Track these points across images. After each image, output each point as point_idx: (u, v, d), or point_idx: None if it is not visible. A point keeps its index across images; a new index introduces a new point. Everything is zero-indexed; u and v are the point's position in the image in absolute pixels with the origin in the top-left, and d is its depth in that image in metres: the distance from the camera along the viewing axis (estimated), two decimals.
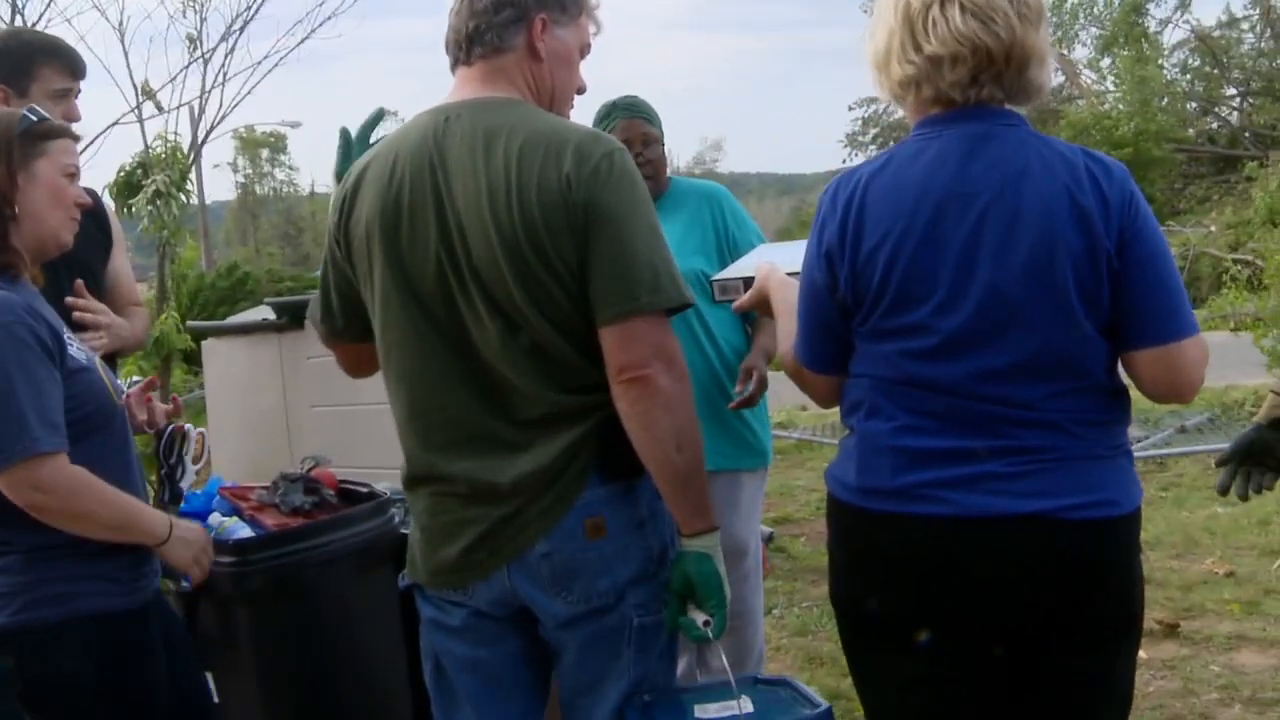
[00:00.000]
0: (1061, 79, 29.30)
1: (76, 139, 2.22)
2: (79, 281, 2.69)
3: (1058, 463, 1.70)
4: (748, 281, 2.20)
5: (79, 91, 2.85)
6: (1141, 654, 3.62)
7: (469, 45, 1.97)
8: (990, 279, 1.69)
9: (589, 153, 1.83)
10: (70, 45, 3.01)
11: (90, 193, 2.89)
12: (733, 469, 3.15)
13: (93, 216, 2.84)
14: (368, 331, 2.02)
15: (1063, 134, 23.40)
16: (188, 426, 2.76)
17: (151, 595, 2.21)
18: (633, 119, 3.23)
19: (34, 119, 2.11)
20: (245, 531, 2.59)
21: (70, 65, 2.83)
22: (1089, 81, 29.25)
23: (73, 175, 2.16)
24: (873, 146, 32.79)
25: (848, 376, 1.87)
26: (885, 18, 1.80)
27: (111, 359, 2.82)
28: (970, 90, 1.74)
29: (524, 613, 1.96)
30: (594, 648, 1.94)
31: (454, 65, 2.00)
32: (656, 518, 1.94)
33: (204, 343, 5.04)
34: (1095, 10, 28.32)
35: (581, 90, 2.08)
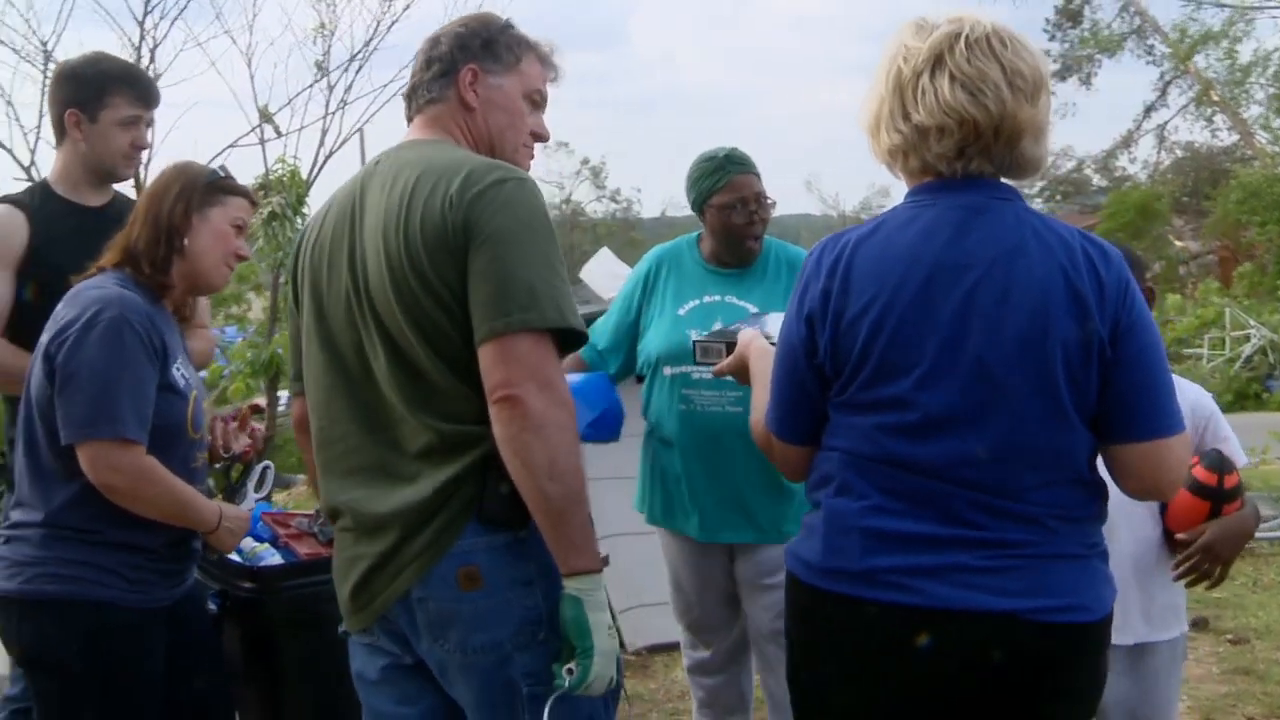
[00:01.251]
0: (1235, 138, 28.13)
1: (255, 203, 2.57)
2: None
3: (1033, 560, 1.64)
4: (731, 345, 2.15)
5: (151, 121, 3.00)
6: None
7: (410, 99, 2.08)
8: (977, 355, 1.63)
9: (478, 178, 1.82)
10: (145, 74, 3.17)
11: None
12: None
13: None
14: None
15: (1232, 195, 22.36)
16: (255, 459, 2.85)
17: (165, 601, 2.33)
18: (747, 174, 3.10)
19: (222, 175, 2.46)
20: (274, 559, 2.67)
21: (143, 94, 2.96)
22: (1263, 142, 27.98)
23: (240, 228, 2.48)
24: (1038, 200, 31.97)
25: (818, 449, 1.80)
26: (877, 84, 1.76)
27: None
28: (957, 163, 1.69)
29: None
30: (490, 710, 1.87)
31: (408, 117, 2.10)
32: (549, 577, 1.81)
33: None
34: (1270, 69, 27.11)
35: (541, 137, 2.11)
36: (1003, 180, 1.73)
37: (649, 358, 3.10)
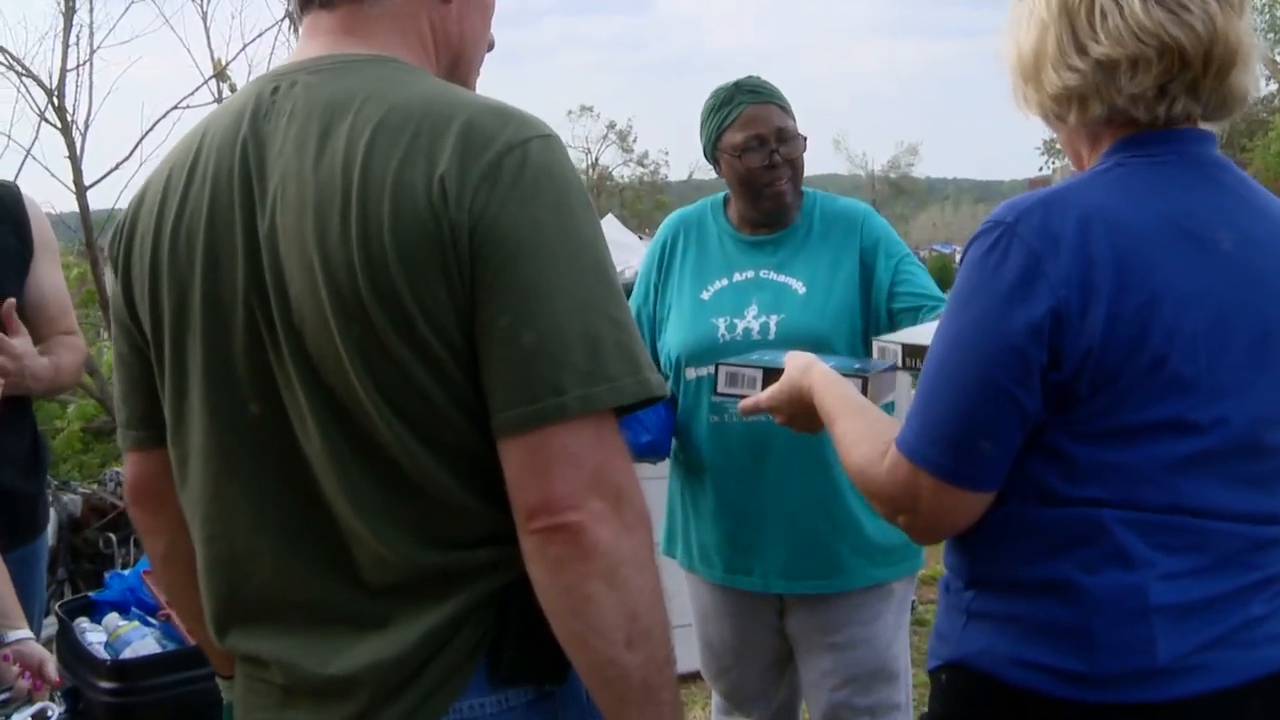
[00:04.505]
0: (1274, 86, 27.27)
1: None
2: (9, 301, 2.16)
3: None
4: (770, 373, 1.63)
5: None
6: None
7: None
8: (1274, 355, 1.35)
9: (485, 138, 1.12)
10: None
11: (4, 188, 2.39)
12: (880, 581, 2.37)
13: (8, 219, 2.32)
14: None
15: (1272, 147, 21.73)
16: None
17: None
18: (763, 104, 2.34)
19: None
20: (146, 642, 2.00)
21: None
22: None
23: None
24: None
25: (1016, 500, 1.37)
26: (1035, 8, 1.39)
27: (22, 401, 2.29)
28: (1158, 106, 1.34)
29: None
30: None
31: (303, 5, 1.29)
32: None
33: None
34: None
35: (490, 45, 1.40)
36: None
37: (669, 357, 2.41)
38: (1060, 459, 1.32)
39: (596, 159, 59.89)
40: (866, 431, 1.46)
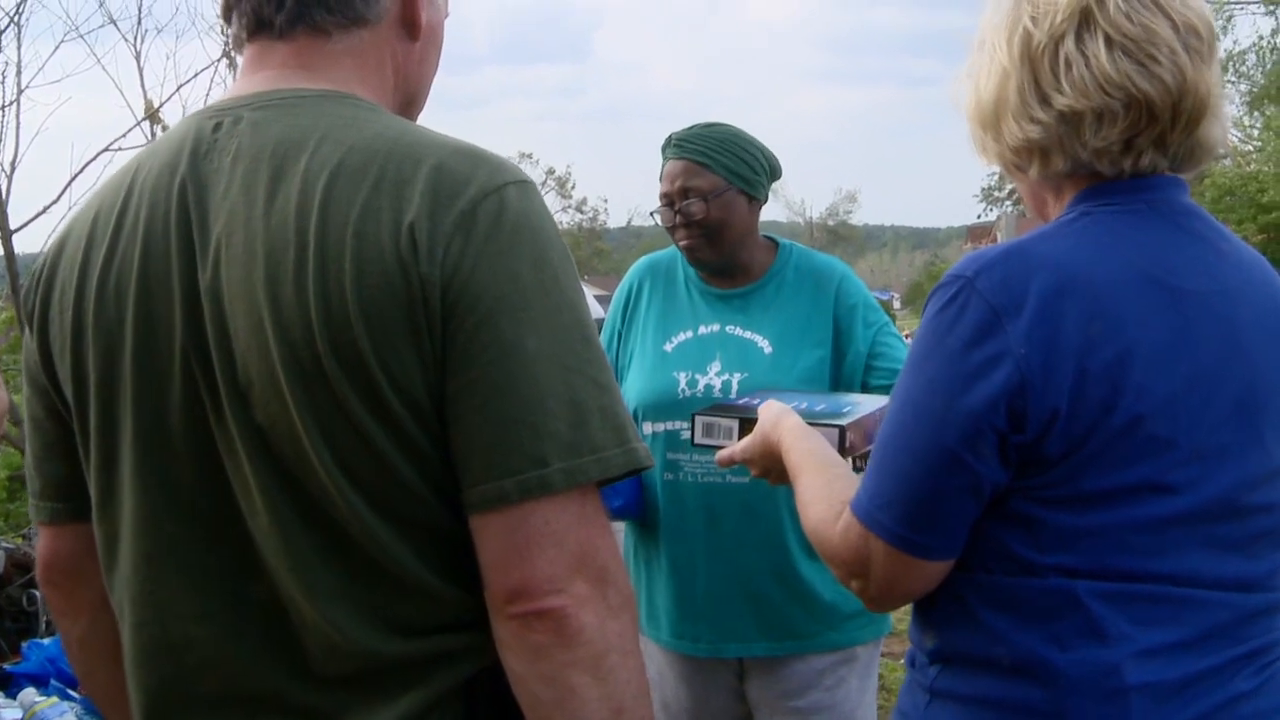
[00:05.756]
0: None
1: None
2: None
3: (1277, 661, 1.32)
4: (746, 424, 1.59)
5: None
6: None
7: (266, 12, 1.16)
8: (1253, 414, 1.28)
9: (457, 184, 1.04)
10: None
11: None
12: (842, 645, 2.28)
13: None
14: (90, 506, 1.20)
15: (1206, 195, 22.31)
16: None
17: None
18: (679, 159, 2.28)
19: None
20: (66, 719, 1.89)
21: None
22: (1235, 140, 27.83)
23: None
24: (1009, 202, 32.09)
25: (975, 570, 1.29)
26: (996, 55, 1.32)
27: None
28: (1124, 160, 1.28)
29: None
30: None
31: (251, 31, 1.18)
32: None
33: None
34: (1245, 66, 26.92)
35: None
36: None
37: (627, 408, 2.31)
38: (1028, 525, 1.25)
39: None
40: (824, 490, 1.39)
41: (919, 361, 1.26)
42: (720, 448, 1.63)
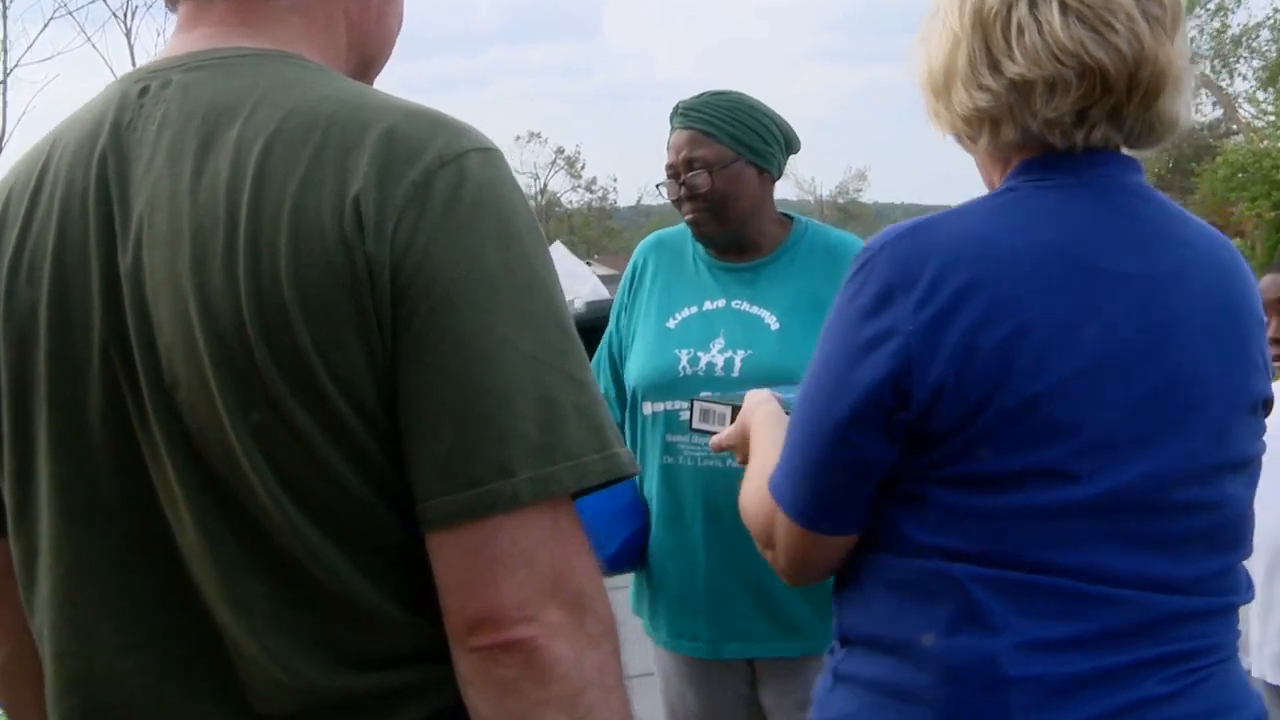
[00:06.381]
0: (1219, 113, 27.79)
1: None
2: None
3: (1217, 667, 1.25)
4: (738, 410, 1.57)
5: None
6: None
7: None
8: (1167, 406, 1.22)
9: (411, 151, 0.91)
10: None
11: None
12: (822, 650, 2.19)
13: None
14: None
15: (1219, 172, 22.18)
16: None
17: None
18: (684, 129, 2.17)
19: None
20: None
21: None
22: (1248, 116, 27.67)
23: None
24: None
25: (877, 547, 1.27)
26: (948, 20, 1.27)
27: None
28: (1076, 131, 1.23)
29: None
30: None
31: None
32: None
33: None
34: (1258, 41, 26.75)
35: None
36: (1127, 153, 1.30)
37: (628, 388, 2.23)
38: (917, 504, 1.22)
39: (545, 185, 60.22)
40: (761, 468, 1.36)
41: (824, 334, 1.25)
42: (711, 434, 1.63)
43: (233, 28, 1.00)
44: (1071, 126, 1.21)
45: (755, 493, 1.34)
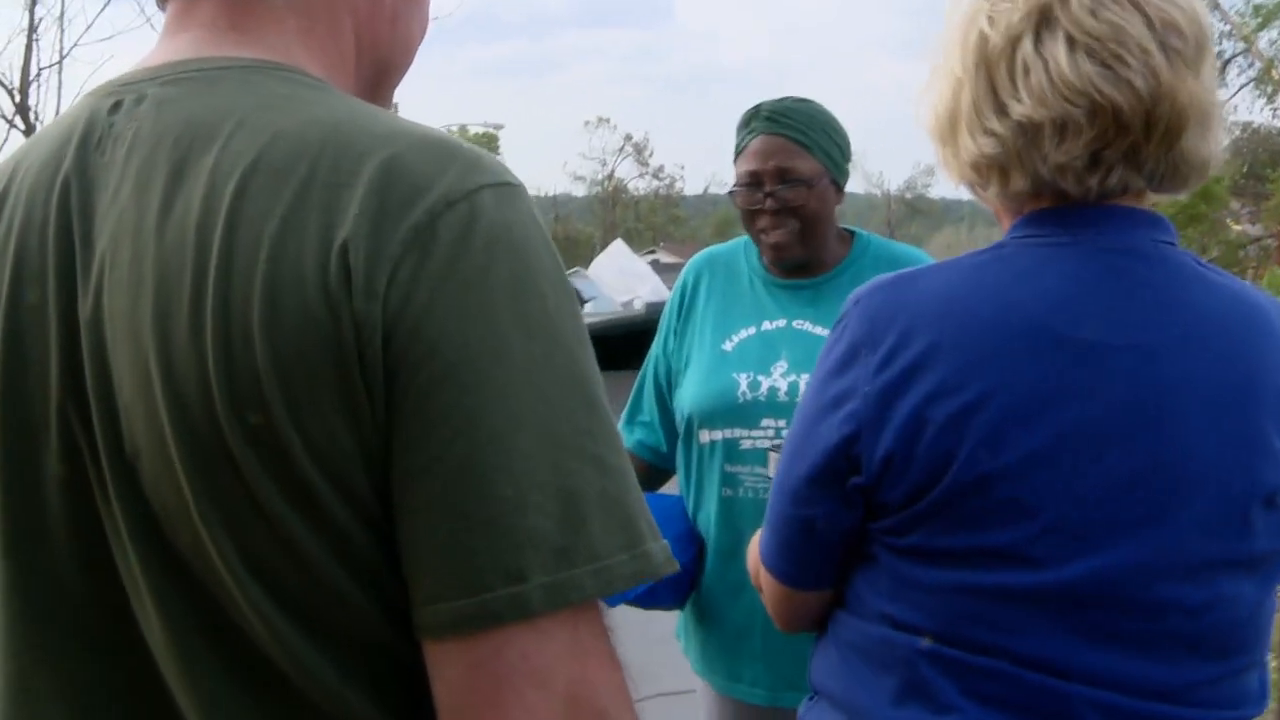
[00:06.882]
0: None
1: None
2: None
3: None
4: None
5: None
6: None
7: None
8: (1147, 496, 1.09)
9: (412, 187, 0.75)
10: None
11: None
12: None
13: None
14: None
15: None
16: None
17: None
18: (774, 135, 1.97)
19: None
20: None
21: None
22: None
23: None
24: None
25: (827, 592, 1.25)
26: (948, 63, 1.18)
27: None
28: (1090, 177, 1.13)
29: None
30: None
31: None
32: None
33: None
34: None
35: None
36: (1151, 197, 1.19)
37: (682, 415, 2.04)
38: (873, 568, 1.18)
39: (613, 171, 58.98)
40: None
41: (809, 383, 1.22)
42: None
43: (222, 32, 0.86)
44: (1084, 170, 1.12)
45: (755, 538, 1.34)
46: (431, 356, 0.72)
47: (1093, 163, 1.12)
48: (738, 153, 2.03)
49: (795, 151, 1.97)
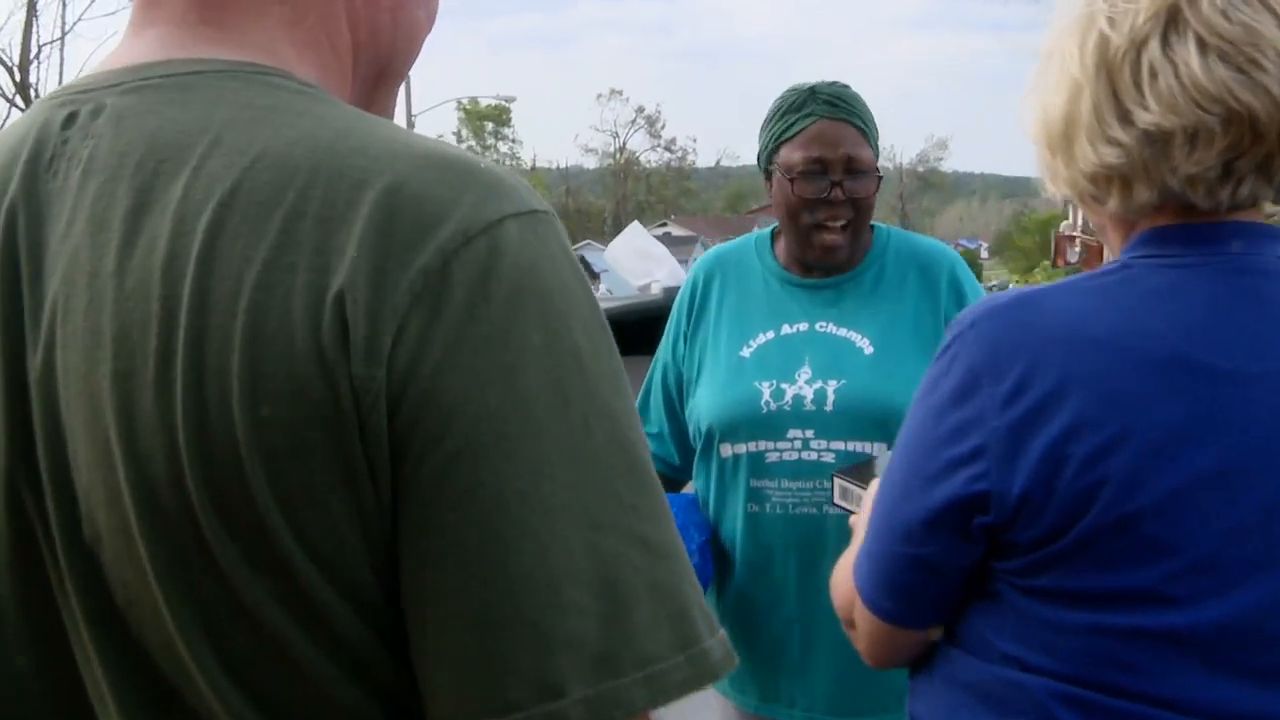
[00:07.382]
0: None
1: None
2: None
3: None
4: None
5: None
6: None
7: None
8: None
9: (422, 222, 0.62)
10: None
11: None
12: None
13: None
14: None
15: None
16: None
17: None
18: (839, 121, 1.85)
19: None
20: None
21: None
22: None
23: None
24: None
25: (956, 643, 1.18)
26: (1066, 64, 1.11)
27: None
28: (1221, 189, 1.06)
29: None
30: None
31: None
32: None
33: None
34: None
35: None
36: (1268, 209, 1.13)
37: (698, 427, 1.91)
38: (998, 608, 1.13)
39: (625, 143, 58.96)
40: (858, 546, 1.26)
41: (911, 411, 1.16)
42: (852, 513, 1.46)
43: (192, 27, 0.72)
44: (1217, 182, 1.05)
45: (843, 570, 1.27)
46: (447, 428, 0.60)
47: (1225, 173, 1.05)
48: (787, 136, 1.87)
49: (859, 140, 1.86)
